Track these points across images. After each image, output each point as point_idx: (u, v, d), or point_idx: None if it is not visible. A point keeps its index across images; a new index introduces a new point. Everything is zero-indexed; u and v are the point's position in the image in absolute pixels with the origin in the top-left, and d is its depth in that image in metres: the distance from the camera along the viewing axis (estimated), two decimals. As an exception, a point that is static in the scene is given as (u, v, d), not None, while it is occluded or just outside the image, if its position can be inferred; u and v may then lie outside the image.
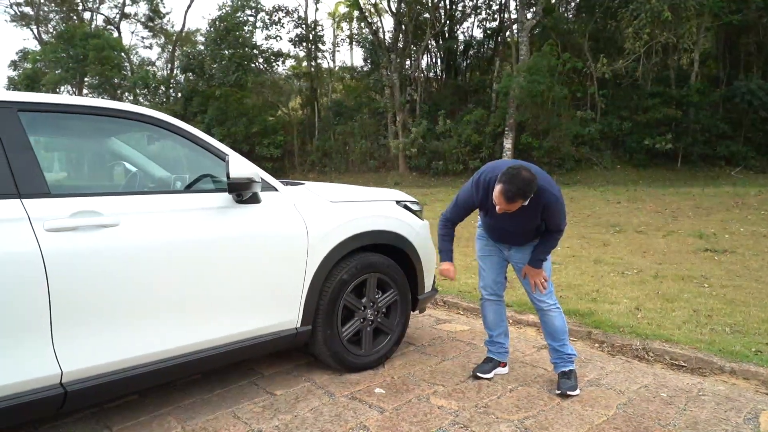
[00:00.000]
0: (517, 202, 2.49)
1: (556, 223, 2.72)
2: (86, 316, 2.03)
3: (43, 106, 2.15)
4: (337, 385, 2.81)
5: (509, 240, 2.93)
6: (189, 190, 2.50)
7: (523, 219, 2.68)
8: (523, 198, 2.48)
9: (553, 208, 2.62)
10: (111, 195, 2.17)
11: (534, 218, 2.67)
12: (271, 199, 2.58)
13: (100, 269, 2.05)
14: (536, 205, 2.59)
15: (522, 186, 2.44)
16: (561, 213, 2.67)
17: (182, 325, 2.27)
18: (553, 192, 2.61)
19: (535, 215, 2.65)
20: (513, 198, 2.46)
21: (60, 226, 1.98)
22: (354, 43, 28.04)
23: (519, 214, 2.61)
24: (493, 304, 3.08)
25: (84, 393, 2.05)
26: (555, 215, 2.65)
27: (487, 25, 24.27)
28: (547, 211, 2.64)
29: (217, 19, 23.77)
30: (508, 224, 2.79)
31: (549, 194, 2.59)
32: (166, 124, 2.41)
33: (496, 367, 3.04)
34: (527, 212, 2.63)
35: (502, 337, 3.09)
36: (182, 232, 2.25)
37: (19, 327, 1.91)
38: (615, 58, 17.83)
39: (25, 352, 1.93)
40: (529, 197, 2.51)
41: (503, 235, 2.92)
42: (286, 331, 2.63)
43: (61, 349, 1.99)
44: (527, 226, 2.75)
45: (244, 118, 23.07)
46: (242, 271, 2.43)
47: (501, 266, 3.05)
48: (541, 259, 2.82)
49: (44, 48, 28.74)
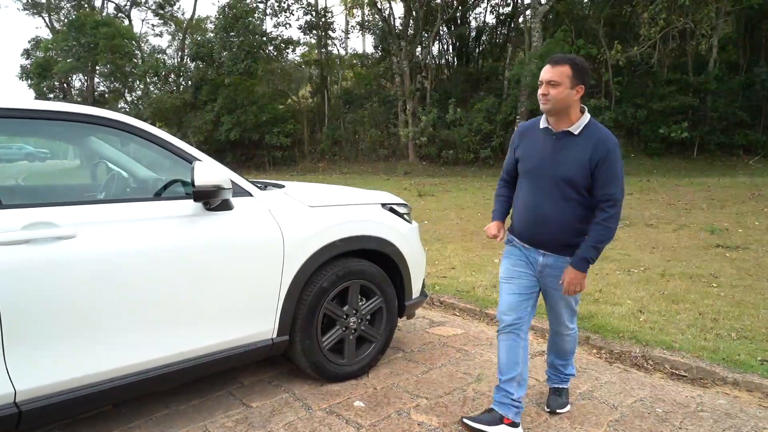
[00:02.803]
0: (564, 65, 2.15)
1: (612, 187, 2.16)
2: (41, 332, 1.94)
3: (1, 111, 2.04)
4: (316, 397, 2.71)
5: (545, 233, 2.32)
6: (157, 197, 2.39)
7: (568, 164, 2.20)
8: (571, 65, 2.15)
9: (611, 156, 2.14)
10: (68, 205, 2.07)
11: (582, 164, 2.17)
12: (244, 205, 2.46)
13: (56, 283, 1.95)
14: (587, 143, 2.18)
15: (572, 55, 2.20)
16: (619, 168, 2.16)
17: (146, 339, 2.17)
18: (612, 135, 2.21)
19: (583, 158, 2.17)
20: (559, 61, 2.17)
21: (12, 239, 1.88)
22: (365, 30, 27.71)
23: (564, 151, 2.21)
24: (508, 338, 2.40)
25: (40, 412, 1.96)
26: (611, 168, 2.14)
27: (500, 10, 23.83)
28: (601, 156, 2.14)
29: (226, 6, 23.60)
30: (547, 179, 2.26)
31: (606, 134, 2.19)
32: (132, 128, 2.30)
33: (498, 423, 2.32)
34: (575, 151, 2.19)
35: (512, 385, 2.37)
36: (146, 241, 2.15)
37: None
38: (630, 44, 17.35)
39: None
40: (579, 71, 2.16)
41: (538, 219, 2.31)
42: (261, 342, 2.52)
43: (13, 367, 1.90)
44: (573, 175, 2.19)
45: (253, 107, 22.98)
46: (212, 281, 2.32)
47: (528, 290, 2.41)
48: (588, 258, 2.21)
49: (56, 36, 28.85)
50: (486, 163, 19.07)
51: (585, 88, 2.20)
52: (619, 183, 2.18)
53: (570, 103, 2.20)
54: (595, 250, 2.22)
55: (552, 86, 2.18)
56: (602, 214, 2.19)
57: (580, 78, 2.18)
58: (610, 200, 2.18)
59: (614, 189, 2.17)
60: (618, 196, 2.18)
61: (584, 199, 2.24)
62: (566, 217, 2.27)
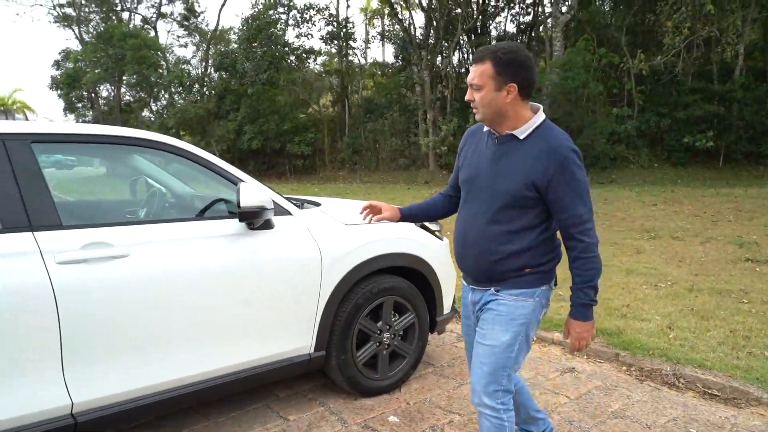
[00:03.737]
0: (484, 63, 1.70)
1: (579, 206, 1.70)
2: (97, 347, 2.04)
3: (56, 136, 2.17)
4: (351, 411, 2.77)
5: (469, 257, 1.87)
6: (201, 217, 2.49)
7: (507, 176, 1.75)
8: (492, 60, 1.68)
9: (569, 167, 1.67)
10: (122, 225, 2.18)
11: (524, 176, 1.71)
12: (285, 224, 2.55)
13: (111, 301, 2.05)
14: (533, 150, 1.72)
15: (497, 46, 1.72)
16: (581, 182, 1.70)
17: (193, 354, 2.26)
18: (568, 140, 1.74)
19: (526, 169, 1.71)
20: (479, 57, 1.72)
21: (72, 258, 1.99)
22: (385, 39, 27.93)
23: (504, 159, 1.77)
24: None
25: (94, 423, 2.06)
26: (571, 182, 1.68)
27: (521, 19, 23.83)
28: (555, 170, 1.67)
29: (249, 18, 24.01)
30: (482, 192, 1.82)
31: (560, 140, 1.72)
32: (179, 150, 2.40)
33: None
34: (517, 160, 1.74)
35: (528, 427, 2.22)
36: (194, 260, 2.24)
37: (30, 359, 1.93)
38: (653, 52, 17.24)
39: (36, 383, 1.95)
40: (505, 67, 1.68)
41: (466, 240, 1.88)
42: (299, 357, 2.60)
43: (71, 380, 2.00)
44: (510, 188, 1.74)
45: (275, 116, 23.29)
46: (255, 298, 2.41)
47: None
48: (587, 303, 1.76)
49: (85, 48, 29.61)
50: (507, 172, 19.00)
51: (523, 85, 1.71)
52: (582, 200, 1.71)
53: (502, 107, 1.73)
54: (591, 290, 1.76)
55: (476, 90, 1.75)
56: (577, 244, 1.73)
57: (509, 75, 1.69)
58: (580, 224, 1.71)
59: (581, 209, 1.71)
60: (586, 217, 1.72)
61: (525, 222, 1.78)
62: (498, 241, 1.79)
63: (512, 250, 1.79)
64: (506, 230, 1.78)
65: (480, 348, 1.86)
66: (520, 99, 1.73)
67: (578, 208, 1.70)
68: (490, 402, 1.83)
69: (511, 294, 1.82)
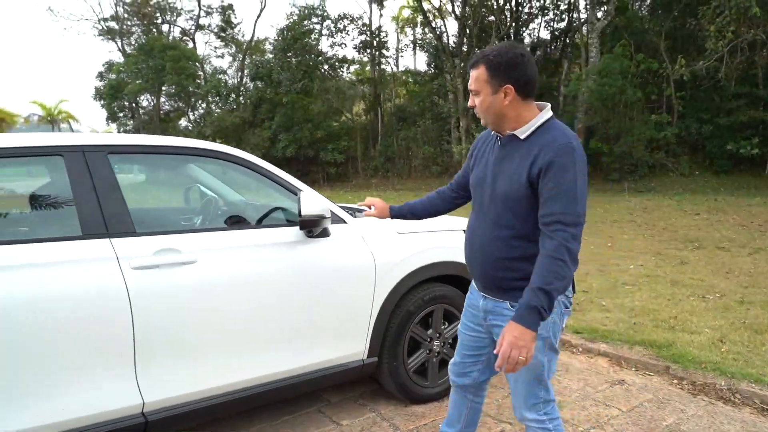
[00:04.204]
0: (478, 68, 1.71)
1: (557, 203, 1.58)
2: (166, 349, 2.14)
3: (129, 147, 2.29)
4: (403, 418, 2.80)
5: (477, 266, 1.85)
6: (261, 225, 2.57)
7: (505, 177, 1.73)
8: (485, 65, 1.68)
9: (557, 162, 1.59)
10: (189, 232, 2.28)
11: (519, 177, 1.67)
12: (340, 232, 2.61)
13: (180, 305, 2.14)
14: (532, 148, 1.67)
15: (490, 49, 1.71)
16: (568, 179, 1.58)
17: (255, 358, 2.34)
18: (567, 136, 1.65)
19: (522, 168, 1.67)
20: (474, 63, 1.73)
21: (145, 264, 2.09)
22: (417, 47, 28.06)
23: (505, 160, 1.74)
24: (456, 392, 2.14)
25: (163, 422, 2.15)
26: (556, 178, 1.59)
27: (555, 25, 23.61)
28: (543, 164, 1.61)
29: (284, 29, 24.48)
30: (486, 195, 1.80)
31: (557, 136, 1.64)
32: (242, 160, 2.50)
33: None
34: (516, 160, 1.71)
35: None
36: (256, 267, 2.32)
37: (105, 359, 2.03)
38: (694, 57, 16.83)
39: (110, 382, 2.05)
40: (498, 70, 1.67)
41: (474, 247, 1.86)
42: (353, 362, 2.65)
43: (143, 380, 2.10)
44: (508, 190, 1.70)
45: (309, 124, 23.63)
46: (312, 304, 2.47)
47: (474, 350, 2.00)
48: (535, 306, 1.54)
49: (127, 60, 30.69)
50: (541, 180, 18.79)
51: (519, 84, 1.68)
52: (567, 199, 1.58)
53: (501, 110, 1.72)
54: (543, 294, 1.54)
55: (475, 96, 1.76)
56: (548, 242, 1.58)
57: (503, 77, 1.67)
58: (554, 223, 1.58)
59: (560, 206, 1.58)
60: (566, 219, 1.57)
61: (529, 227, 1.70)
62: (504, 248, 1.74)
63: (516, 256, 1.72)
64: (510, 235, 1.73)
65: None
66: (519, 99, 1.70)
67: (557, 205, 1.58)
68: (533, 416, 1.81)
69: None
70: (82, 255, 2.00)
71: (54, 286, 1.92)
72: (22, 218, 2.29)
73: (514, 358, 1.56)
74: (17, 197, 2.39)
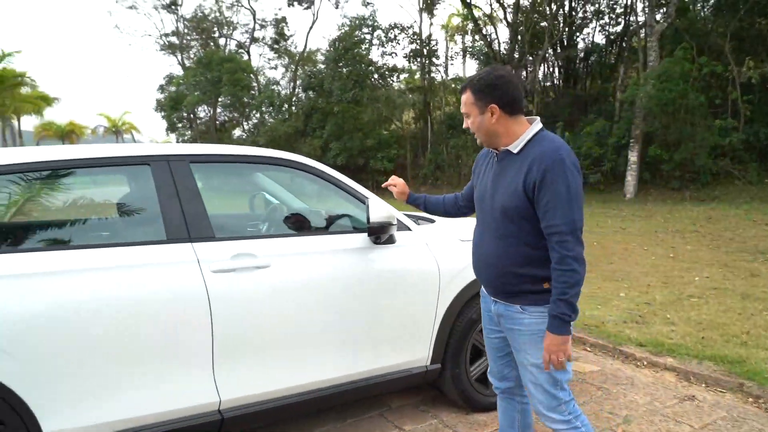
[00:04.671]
0: (465, 93, 1.87)
1: (555, 215, 1.70)
2: (242, 349, 2.24)
3: (209, 157, 2.42)
4: (464, 426, 2.80)
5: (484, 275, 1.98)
6: (329, 231, 2.65)
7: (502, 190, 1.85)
8: (470, 89, 1.84)
9: (550, 174, 1.70)
10: (263, 238, 2.38)
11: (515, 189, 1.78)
12: (405, 239, 2.66)
13: (255, 308, 2.24)
14: (524, 161, 1.78)
15: (474, 75, 1.88)
16: (562, 190, 1.70)
17: (324, 360, 2.41)
18: (556, 148, 1.75)
19: (517, 181, 1.78)
20: (462, 89, 1.89)
21: (223, 267, 2.20)
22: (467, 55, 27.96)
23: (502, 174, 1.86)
24: (503, 399, 2.21)
25: (238, 419, 2.24)
26: (551, 189, 1.70)
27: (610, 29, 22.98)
28: (537, 177, 1.72)
29: (336, 39, 24.94)
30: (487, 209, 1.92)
31: (548, 148, 1.75)
32: (312, 169, 2.59)
33: None
34: (511, 174, 1.82)
35: None
36: (326, 271, 2.41)
37: (186, 358, 2.15)
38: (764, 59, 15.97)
39: (190, 381, 2.16)
40: (481, 91, 1.82)
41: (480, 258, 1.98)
42: (417, 368, 2.68)
43: (220, 378, 2.20)
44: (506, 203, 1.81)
45: (359, 133, 23.91)
46: (378, 309, 2.53)
47: (500, 351, 2.10)
48: (559, 315, 1.73)
49: (186, 72, 32.05)
50: (595, 188, 18.27)
51: (503, 102, 1.81)
52: (563, 210, 1.69)
53: (491, 128, 1.85)
54: (565, 304, 1.72)
55: (467, 118, 1.91)
56: (554, 254, 1.73)
57: (487, 97, 1.82)
58: (555, 234, 1.71)
59: (556, 219, 1.70)
60: (563, 228, 1.69)
61: (528, 235, 1.81)
62: (504, 257, 1.86)
63: (519, 262, 1.84)
64: (511, 243, 1.84)
65: (526, 370, 1.92)
66: (506, 116, 1.84)
67: (556, 217, 1.71)
68: (558, 417, 1.89)
69: (538, 311, 1.84)
70: (167, 258, 2.13)
71: (140, 287, 2.06)
72: (111, 223, 2.46)
73: (554, 361, 1.78)
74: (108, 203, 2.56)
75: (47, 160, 2.12)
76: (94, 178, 2.43)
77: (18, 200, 2.38)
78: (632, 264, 7.10)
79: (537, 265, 1.81)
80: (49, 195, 2.45)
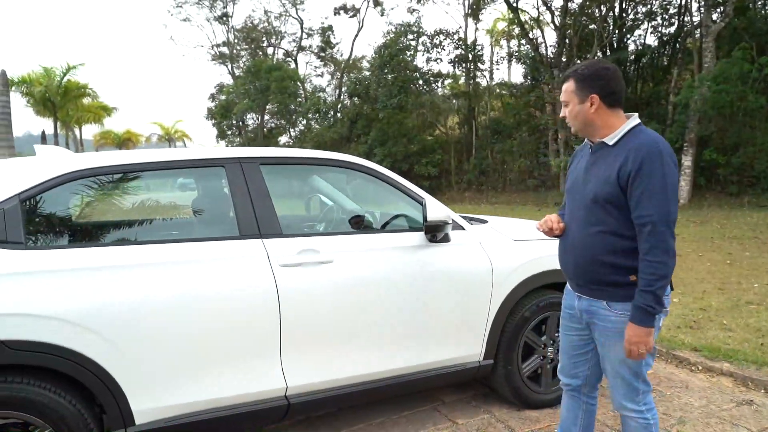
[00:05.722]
0: (567, 81, 1.93)
1: (647, 206, 1.72)
2: (307, 339, 2.39)
3: (276, 159, 2.60)
4: (517, 421, 2.87)
5: (571, 266, 1.99)
6: (386, 230, 2.78)
7: (595, 180, 1.87)
8: (573, 78, 1.89)
9: (647, 165, 1.72)
10: (326, 235, 2.53)
11: (609, 179, 1.80)
12: (459, 238, 2.75)
13: (319, 300, 2.39)
14: (621, 153, 1.80)
15: (579, 65, 1.91)
16: (657, 182, 1.71)
17: (383, 353, 2.54)
18: (654, 140, 1.77)
19: (611, 171, 1.80)
20: (564, 78, 1.95)
21: (290, 262, 2.36)
22: (513, 59, 27.70)
23: (596, 165, 1.88)
24: (569, 396, 2.22)
25: (303, 405, 2.40)
26: (646, 181, 1.72)
27: (663, 31, 22.30)
28: (633, 167, 1.74)
29: (381, 46, 25.23)
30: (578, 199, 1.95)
31: (645, 140, 1.77)
32: (372, 171, 2.73)
33: None
34: (606, 164, 1.84)
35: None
36: (385, 268, 2.54)
37: (256, 347, 2.31)
38: (831, 58, 15.16)
39: (259, 368, 2.32)
40: (584, 81, 1.87)
41: (567, 248, 2.01)
42: (470, 363, 2.77)
43: (287, 366, 2.36)
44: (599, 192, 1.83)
45: (404, 138, 24.07)
46: (434, 305, 2.64)
47: (576, 349, 2.11)
48: (643, 306, 1.74)
49: (236, 81, 33.11)
50: (648, 193, 17.75)
51: (604, 93, 1.85)
52: (657, 200, 1.71)
53: (588, 118, 1.90)
54: (650, 296, 1.73)
55: (565, 106, 1.96)
56: (642, 245, 1.75)
57: (588, 87, 1.86)
58: (647, 224, 1.72)
59: (650, 209, 1.71)
60: (656, 218, 1.70)
61: (617, 224, 1.82)
62: (591, 245, 1.87)
63: (607, 250, 1.84)
64: (599, 231, 1.86)
65: (609, 362, 1.97)
66: (605, 107, 1.88)
67: (650, 207, 1.72)
68: (632, 406, 1.95)
69: (625, 309, 1.85)
70: (240, 253, 2.31)
71: (217, 279, 2.23)
72: (189, 220, 2.67)
73: (635, 352, 1.80)
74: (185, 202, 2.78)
75: (150, 161, 2.34)
76: (175, 179, 2.65)
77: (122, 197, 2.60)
78: (686, 270, 6.92)
79: (623, 255, 1.82)
80: (140, 194, 2.69)
